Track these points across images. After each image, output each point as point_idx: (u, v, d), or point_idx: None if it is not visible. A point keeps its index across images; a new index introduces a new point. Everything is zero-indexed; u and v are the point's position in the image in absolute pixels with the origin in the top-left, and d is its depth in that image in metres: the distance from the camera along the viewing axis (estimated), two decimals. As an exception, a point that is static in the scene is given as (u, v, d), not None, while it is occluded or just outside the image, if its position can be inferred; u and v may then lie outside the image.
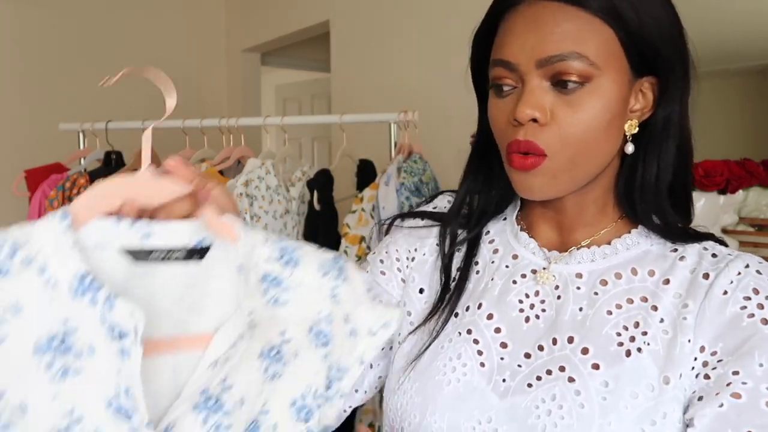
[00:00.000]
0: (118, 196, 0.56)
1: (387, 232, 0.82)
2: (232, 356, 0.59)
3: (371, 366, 0.76)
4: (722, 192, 1.41)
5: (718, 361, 0.57)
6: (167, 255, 0.56)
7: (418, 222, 0.79)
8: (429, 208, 0.81)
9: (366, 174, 1.96)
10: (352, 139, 1.98)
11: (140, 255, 0.56)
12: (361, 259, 0.66)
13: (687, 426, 0.57)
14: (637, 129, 0.64)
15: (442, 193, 0.84)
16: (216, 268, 0.59)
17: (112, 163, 2.18)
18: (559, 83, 0.60)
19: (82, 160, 2.21)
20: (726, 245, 0.67)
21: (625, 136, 0.65)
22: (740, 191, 1.43)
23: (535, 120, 0.61)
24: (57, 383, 0.53)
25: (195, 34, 3.98)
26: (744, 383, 0.54)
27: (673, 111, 0.64)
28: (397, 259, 0.77)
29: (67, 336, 0.53)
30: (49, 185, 2.04)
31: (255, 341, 0.61)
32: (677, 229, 0.66)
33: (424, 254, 0.76)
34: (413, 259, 0.77)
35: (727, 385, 0.55)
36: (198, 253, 0.58)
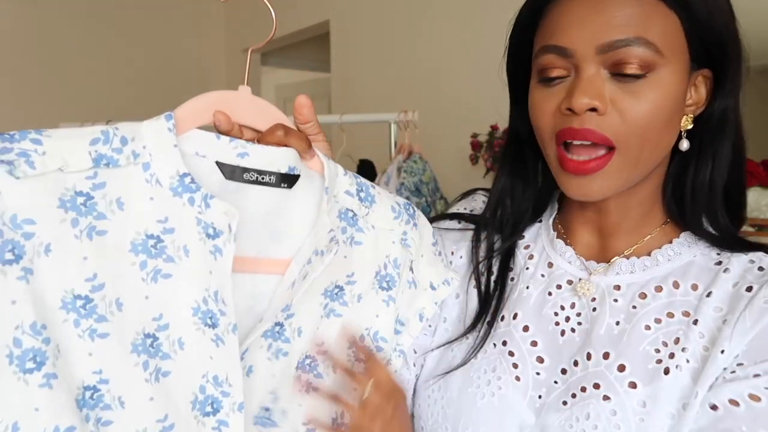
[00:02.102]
0: (218, 108, 0.57)
1: None
2: (299, 279, 0.59)
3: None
4: (722, 192, 1.41)
5: (738, 365, 0.54)
6: (259, 177, 0.57)
7: (454, 224, 0.75)
8: (462, 208, 0.78)
9: (366, 174, 1.96)
10: (352, 139, 1.98)
11: (234, 173, 0.57)
12: (423, 320, 0.65)
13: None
14: (692, 125, 0.60)
15: (475, 191, 0.79)
16: (301, 197, 0.60)
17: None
18: (620, 71, 0.56)
19: (82, 160, 2.21)
20: None
21: (680, 132, 0.61)
22: (740, 191, 1.43)
23: (593, 110, 0.56)
24: (149, 284, 0.52)
25: (195, 34, 3.98)
26: (767, 388, 0.52)
27: (729, 106, 0.60)
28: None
29: (164, 236, 0.53)
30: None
31: (323, 276, 0.61)
32: (729, 236, 0.61)
33: (461, 257, 0.73)
34: (450, 263, 0.73)
35: (744, 380, 0.53)
36: (288, 180, 0.59)
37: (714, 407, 0.53)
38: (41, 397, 0.45)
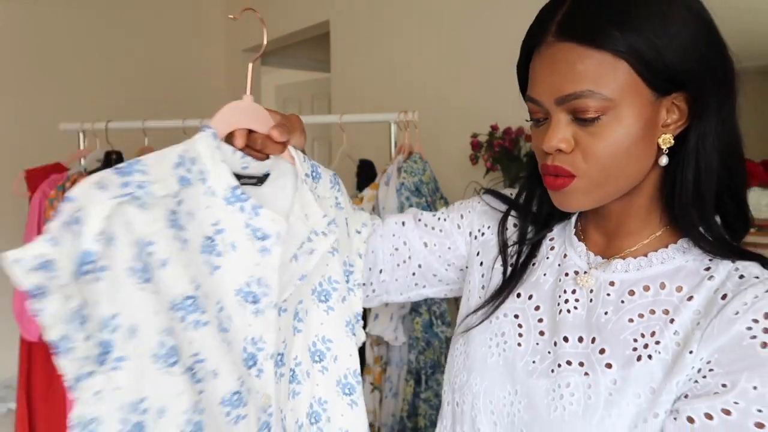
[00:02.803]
0: (236, 122, 0.72)
1: (478, 193, 0.94)
2: (305, 252, 0.74)
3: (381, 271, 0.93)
4: (722, 192, 1.41)
5: (709, 371, 0.60)
6: (247, 180, 0.75)
7: (501, 206, 0.89)
8: (510, 193, 0.89)
9: (366, 174, 1.96)
10: (352, 139, 1.98)
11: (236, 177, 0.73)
12: (362, 257, 0.93)
13: (670, 415, 0.62)
14: (673, 142, 0.67)
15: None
16: (272, 184, 0.78)
17: (112, 163, 2.17)
18: (578, 116, 0.65)
19: (82, 160, 2.21)
20: None
21: (663, 149, 0.67)
22: (740, 191, 1.43)
23: (560, 150, 0.67)
24: (211, 278, 0.66)
25: (195, 34, 3.98)
26: (736, 403, 0.57)
27: (709, 121, 0.65)
28: (470, 228, 0.91)
29: (215, 236, 0.66)
30: (49, 185, 2.03)
31: (296, 241, 0.75)
32: (722, 243, 0.67)
33: (492, 234, 0.89)
34: (482, 235, 0.90)
35: (714, 393, 0.59)
36: (261, 180, 0.77)
37: (691, 420, 0.60)
38: (182, 382, 0.58)
